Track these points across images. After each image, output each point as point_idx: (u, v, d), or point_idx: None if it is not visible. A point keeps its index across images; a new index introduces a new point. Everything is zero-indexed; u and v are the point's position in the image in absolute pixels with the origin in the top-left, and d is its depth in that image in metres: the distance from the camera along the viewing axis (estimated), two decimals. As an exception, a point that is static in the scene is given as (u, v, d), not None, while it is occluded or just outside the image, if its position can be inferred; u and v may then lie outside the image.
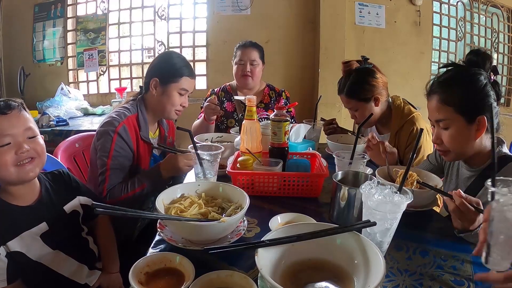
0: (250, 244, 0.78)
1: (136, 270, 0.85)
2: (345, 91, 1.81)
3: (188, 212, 1.02)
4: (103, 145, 1.46)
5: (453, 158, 1.29)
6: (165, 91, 1.58)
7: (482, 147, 1.21)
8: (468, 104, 1.15)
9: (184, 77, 1.59)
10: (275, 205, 1.30)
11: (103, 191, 1.43)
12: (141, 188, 1.46)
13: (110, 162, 1.45)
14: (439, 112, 1.19)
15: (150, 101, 1.62)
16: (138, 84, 3.89)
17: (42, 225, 1.12)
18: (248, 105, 1.45)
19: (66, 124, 2.96)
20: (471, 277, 0.88)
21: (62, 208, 1.20)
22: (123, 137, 1.48)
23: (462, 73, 1.20)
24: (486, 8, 3.85)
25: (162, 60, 1.62)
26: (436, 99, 1.20)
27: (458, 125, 1.17)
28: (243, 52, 2.29)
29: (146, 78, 1.64)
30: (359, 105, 1.81)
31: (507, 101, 4.10)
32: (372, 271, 0.73)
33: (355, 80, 1.78)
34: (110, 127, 1.47)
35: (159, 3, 3.70)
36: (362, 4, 3.56)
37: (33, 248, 1.09)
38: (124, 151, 1.49)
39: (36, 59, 3.76)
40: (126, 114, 1.53)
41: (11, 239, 1.05)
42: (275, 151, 1.46)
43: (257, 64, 2.30)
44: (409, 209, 0.91)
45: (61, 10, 3.69)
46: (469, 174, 1.28)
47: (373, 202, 0.89)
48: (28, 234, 1.08)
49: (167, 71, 1.58)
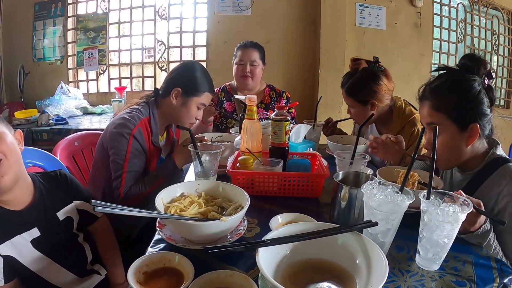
0: (251, 244, 0.77)
1: (135, 270, 0.84)
2: (345, 88, 1.82)
3: (188, 211, 1.01)
4: (118, 148, 1.45)
5: (444, 166, 1.28)
6: (185, 103, 1.59)
7: (475, 152, 1.20)
8: (460, 111, 1.14)
9: (206, 93, 1.62)
10: (275, 205, 1.29)
11: (120, 194, 1.43)
12: (159, 183, 1.45)
13: (127, 165, 1.45)
14: (431, 117, 1.18)
15: (166, 108, 1.62)
16: (137, 84, 3.88)
17: (33, 231, 1.09)
18: (248, 104, 1.45)
19: (66, 123, 2.95)
20: (473, 278, 0.88)
21: (55, 214, 1.16)
22: (138, 140, 1.48)
23: (456, 79, 1.18)
24: (486, 10, 3.86)
25: (187, 71, 1.62)
26: (428, 105, 1.19)
27: (449, 132, 1.16)
28: (243, 53, 2.29)
29: (167, 84, 1.63)
30: (355, 105, 1.82)
31: (507, 103, 4.10)
32: (374, 271, 0.72)
33: (357, 81, 1.78)
34: (125, 130, 1.46)
35: (160, 2, 3.69)
36: (362, 6, 3.56)
37: (24, 253, 1.06)
38: (140, 154, 1.50)
39: (36, 58, 3.75)
40: (140, 117, 1.52)
41: (2, 242, 1.02)
42: (276, 151, 1.46)
43: (257, 65, 2.29)
44: (411, 209, 0.91)
45: (61, 9, 3.68)
46: (462, 178, 1.27)
47: (375, 202, 0.89)
48: (19, 239, 1.06)
49: (191, 83, 1.59)
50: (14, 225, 1.06)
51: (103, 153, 1.52)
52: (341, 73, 3.36)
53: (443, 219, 0.85)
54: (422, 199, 0.89)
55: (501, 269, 0.92)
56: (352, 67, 1.84)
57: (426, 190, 0.90)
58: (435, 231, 0.87)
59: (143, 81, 3.84)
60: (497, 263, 0.94)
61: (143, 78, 3.83)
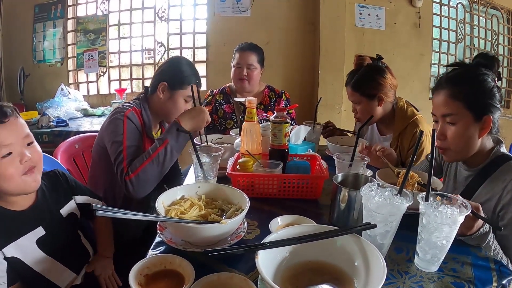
0: (250, 246, 0.77)
1: (136, 272, 0.84)
2: (351, 83, 1.83)
3: (188, 214, 1.02)
4: (113, 130, 1.46)
5: (453, 158, 1.29)
6: (172, 97, 1.60)
7: (482, 147, 1.22)
8: (477, 101, 1.16)
9: (192, 85, 1.62)
10: (275, 207, 1.29)
11: (124, 168, 1.37)
12: (164, 145, 1.39)
13: (126, 141, 1.44)
14: (448, 106, 1.19)
15: (155, 103, 1.64)
16: (138, 86, 3.89)
17: (38, 230, 1.09)
18: (248, 106, 1.45)
19: (66, 125, 2.95)
20: (471, 280, 0.88)
21: (58, 211, 1.18)
22: (132, 120, 1.50)
23: (472, 71, 1.20)
24: (486, 10, 3.86)
25: (172, 66, 1.64)
26: (445, 93, 1.19)
27: (465, 121, 1.17)
28: (240, 55, 2.28)
29: (154, 80, 1.65)
30: (362, 100, 1.82)
31: (507, 103, 4.11)
32: (373, 273, 0.73)
33: (363, 75, 1.80)
34: (118, 114, 1.49)
35: (159, 4, 3.70)
36: (362, 6, 3.56)
37: (29, 254, 1.07)
38: (136, 133, 1.50)
39: (36, 60, 3.75)
40: (131, 105, 1.56)
41: (7, 245, 1.02)
42: (275, 153, 1.46)
43: (254, 68, 2.27)
44: (409, 211, 0.91)
45: (61, 11, 3.68)
46: (467, 174, 1.29)
47: (373, 204, 0.89)
48: (24, 240, 1.06)
49: (176, 77, 1.60)
50: (19, 226, 1.06)
51: (100, 151, 1.54)
52: (341, 73, 3.36)
53: (441, 221, 0.85)
54: (420, 201, 0.89)
55: (499, 270, 0.92)
56: (357, 62, 1.86)
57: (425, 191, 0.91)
58: (434, 233, 0.87)
59: (143, 83, 3.84)
60: (495, 264, 0.95)
61: (143, 80, 3.84)
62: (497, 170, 1.18)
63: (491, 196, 1.16)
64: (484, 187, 1.20)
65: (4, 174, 0.97)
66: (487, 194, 1.18)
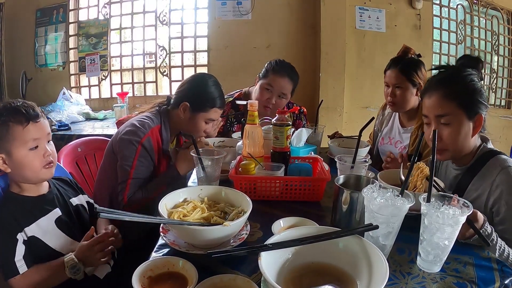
0: (253, 248, 0.78)
1: (139, 275, 0.85)
2: (400, 66, 1.86)
3: (191, 217, 1.02)
4: (126, 154, 1.48)
5: (448, 157, 1.30)
6: (193, 118, 1.60)
7: (472, 146, 1.25)
8: (470, 100, 1.19)
9: (214, 108, 1.61)
10: (277, 209, 1.30)
11: (124, 199, 1.45)
12: (161, 190, 1.45)
13: (133, 171, 1.47)
14: (442, 107, 1.20)
15: (175, 119, 1.63)
16: (139, 89, 3.90)
17: (56, 211, 1.21)
18: (250, 109, 1.46)
19: (68, 129, 2.97)
20: (474, 280, 0.88)
21: (69, 200, 1.30)
22: (147, 149, 1.50)
23: (459, 72, 1.24)
24: (486, 10, 3.87)
25: (198, 86, 1.62)
26: (439, 94, 1.21)
27: (459, 121, 1.19)
28: (275, 80, 2.01)
29: (176, 96, 1.63)
30: (406, 84, 1.86)
31: (507, 103, 4.10)
32: (375, 274, 0.73)
33: (413, 61, 1.87)
34: (134, 137, 1.48)
35: (161, 8, 3.72)
36: (362, 8, 3.58)
37: (48, 233, 1.17)
38: (147, 162, 1.51)
39: (38, 64, 3.77)
40: (150, 126, 1.53)
41: (29, 225, 1.12)
42: (277, 155, 1.47)
43: (285, 98, 2.06)
44: (411, 212, 0.92)
45: (63, 15, 3.70)
46: (456, 173, 1.32)
47: (375, 205, 0.89)
48: (44, 220, 1.16)
49: (199, 99, 1.59)
50: (39, 207, 1.18)
51: (112, 157, 1.54)
52: (342, 76, 3.36)
53: (443, 222, 0.86)
54: (422, 202, 0.90)
55: (502, 270, 0.93)
56: (403, 50, 1.91)
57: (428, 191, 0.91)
58: (436, 233, 0.88)
59: (145, 86, 3.86)
60: (498, 264, 0.95)
61: (145, 84, 3.86)
62: (484, 166, 1.21)
63: (481, 192, 1.18)
64: (473, 184, 1.23)
65: (30, 164, 1.11)
66: (477, 191, 1.20)
